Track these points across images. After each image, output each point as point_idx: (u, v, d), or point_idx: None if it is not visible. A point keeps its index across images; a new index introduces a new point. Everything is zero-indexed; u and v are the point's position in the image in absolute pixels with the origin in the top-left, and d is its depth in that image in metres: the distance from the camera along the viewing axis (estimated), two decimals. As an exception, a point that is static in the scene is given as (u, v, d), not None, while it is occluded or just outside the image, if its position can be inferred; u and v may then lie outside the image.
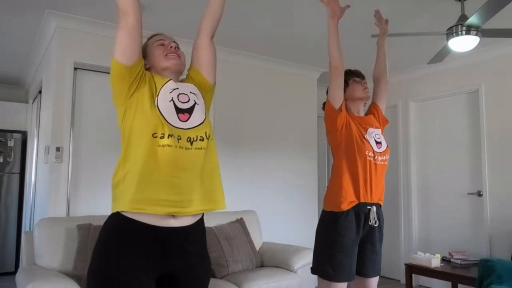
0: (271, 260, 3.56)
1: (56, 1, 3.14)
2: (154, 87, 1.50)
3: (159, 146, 1.40)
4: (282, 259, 3.48)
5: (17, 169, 5.25)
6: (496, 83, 4.20)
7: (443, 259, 3.78)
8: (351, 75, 2.38)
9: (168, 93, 1.49)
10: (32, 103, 5.10)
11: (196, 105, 1.52)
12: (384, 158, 2.21)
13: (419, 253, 3.80)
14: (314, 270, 2.17)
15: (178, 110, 1.46)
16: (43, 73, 4.08)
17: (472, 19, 2.73)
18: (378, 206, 2.21)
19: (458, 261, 3.65)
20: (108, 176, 3.53)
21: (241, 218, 3.74)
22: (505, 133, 4.09)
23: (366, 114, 2.40)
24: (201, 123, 1.49)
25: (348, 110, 2.30)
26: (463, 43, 2.93)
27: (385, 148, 2.25)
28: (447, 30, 2.97)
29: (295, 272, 3.38)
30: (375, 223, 2.15)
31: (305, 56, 4.50)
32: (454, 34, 2.91)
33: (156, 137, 1.40)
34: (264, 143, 4.54)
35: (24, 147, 5.36)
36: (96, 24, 3.51)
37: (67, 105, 3.40)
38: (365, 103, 2.38)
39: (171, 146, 1.40)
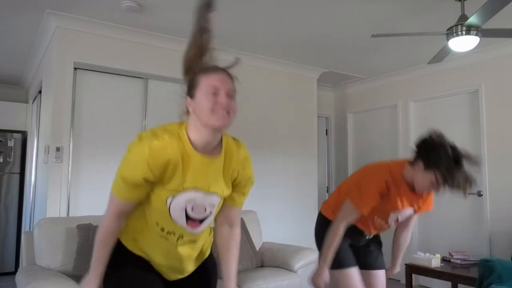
0: (271, 260, 3.56)
1: (56, 1, 3.13)
2: (175, 189, 1.35)
3: (161, 236, 1.43)
4: (282, 259, 3.47)
5: (17, 169, 5.25)
6: (496, 83, 4.20)
7: (443, 259, 3.78)
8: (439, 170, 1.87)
9: (183, 201, 1.36)
10: (32, 103, 5.10)
11: (210, 215, 1.45)
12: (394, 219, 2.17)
13: (419, 253, 3.80)
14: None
15: (188, 218, 1.40)
16: (43, 73, 4.08)
17: (472, 19, 2.73)
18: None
19: (458, 261, 3.65)
20: (108, 176, 3.53)
21: (241, 218, 3.74)
22: (505, 133, 4.09)
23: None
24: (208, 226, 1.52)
25: (410, 180, 2.01)
26: (463, 43, 2.93)
27: (403, 218, 2.19)
28: (447, 30, 2.97)
29: (295, 272, 3.37)
30: (369, 237, 2.27)
31: (305, 56, 4.50)
32: (454, 34, 2.91)
33: (158, 226, 1.42)
34: (264, 143, 4.53)
35: (24, 147, 5.36)
36: (96, 24, 3.51)
37: (67, 105, 3.40)
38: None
39: (168, 240, 1.44)
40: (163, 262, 1.47)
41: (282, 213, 4.58)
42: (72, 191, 3.39)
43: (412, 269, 3.71)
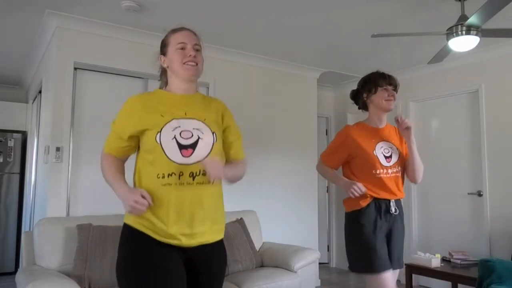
0: (271, 260, 3.56)
1: (56, 1, 3.13)
2: (157, 124, 1.54)
3: (163, 185, 1.50)
4: (282, 259, 3.47)
5: (17, 169, 5.25)
6: (496, 83, 4.20)
7: (443, 259, 3.78)
8: (383, 82, 2.27)
9: (170, 131, 1.52)
10: (32, 103, 5.10)
11: (199, 139, 1.54)
12: (395, 170, 2.25)
13: (419, 253, 3.80)
14: (353, 268, 2.21)
15: (181, 146, 1.51)
16: (43, 73, 4.08)
17: (472, 19, 2.73)
18: (398, 200, 2.29)
19: (458, 261, 3.65)
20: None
21: (241, 218, 3.74)
22: (505, 133, 4.09)
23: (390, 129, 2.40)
24: (205, 157, 1.53)
25: (370, 116, 2.36)
26: (463, 43, 2.93)
27: (396, 160, 2.26)
28: (447, 30, 2.97)
29: (295, 272, 3.37)
30: (395, 211, 2.22)
31: (305, 56, 4.50)
32: (454, 34, 2.91)
33: (159, 177, 1.50)
34: (264, 143, 4.54)
35: (24, 147, 5.36)
36: (96, 24, 3.51)
37: (67, 105, 3.40)
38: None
39: (171, 184, 1.49)
40: (174, 217, 1.49)
41: (282, 213, 4.58)
42: (72, 191, 3.39)
43: (412, 269, 3.71)
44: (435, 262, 3.56)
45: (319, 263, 5.20)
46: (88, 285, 2.71)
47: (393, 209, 2.21)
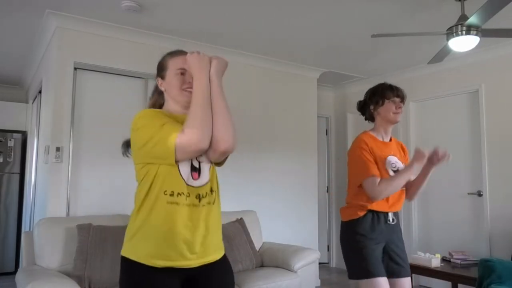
0: (271, 260, 3.56)
1: (56, 1, 3.13)
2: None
3: (168, 203, 1.44)
4: (282, 259, 3.47)
5: (17, 169, 5.25)
6: (496, 83, 4.20)
7: (443, 259, 3.78)
8: (391, 94, 2.26)
9: None
10: (32, 103, 5.10)
11: (201, 163, 1.52)
12: None
13: (419, 253, 3.79)
14: (351, 275, 2.20)
15: (193, 169, 1.48)
16: (43, 73, 4.08)
17: (472, 19, 2.73)
18: (396, 212, 2.27)
19: (458, 261, 3.64)
20: (108, 175, 3.54)
21: (241, 218, 3.74)
22: (505, 133, 4.09)
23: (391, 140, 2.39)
24: (208, 181, 1.52)
25: (376, 128, 2.32)
26: (463, 43, 2.93)
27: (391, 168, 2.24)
28: (447, 30, 2.97)
29: (295, 272, 3.37)
30: (393, 221, 2.21)
31: (305, 56, 4.50)
32: (454, 34, 2.91)
33: (166, 194, 1.44)
34: (264, 143, 4.54)
35: (24, 147, 5.36)
36: (96, 24, 3.51)
37: (67, 105, 3.40)
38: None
39: (178, 204, 1.44)
40: (173, 236, 1.44)
41: (282, 213, 4.58)
42: (72, 191, 3.39)
43: (412, 269, 3.70)
44: (435, 262, 3.56)
45: (319, 263, 5.20)
46: (88, 285, 2.71)
47: (390, 219, 2.20)
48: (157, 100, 1.70)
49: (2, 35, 3.86)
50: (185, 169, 1.46)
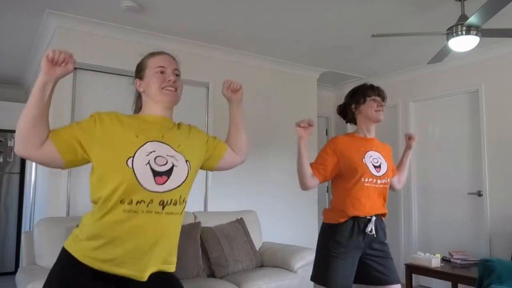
0: (271, 260, 3.56)
1: (56, 1, 3.13)
2: (125, 148, 1.39)
3: (125, 211, 1.35)
4: (282, 259, 3.48)
5: (17, 169, 5.25)
6: (496, 83, 4.20)
7: (443, 259, 3.78)
8: (372, 93, 2.28)
9: (144, 155, 1.38)
10: (32, 103, 5.09)
11: (174, 167, 1.41)
12: (383, 181, 2.20)
13: (419, 253, 3.80)
14: (312, 277, 2.19)
15: (155, 173, 1.37)
16: (43, 73, 4.07)
17: (472, 19, 2.73)
18: (379, 217, 2.20)
19: (458, 261, 3.65)
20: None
21: (241, 218, 3.74)
22: (505, 133, 4.09)
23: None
24: (178, 186, 1.41)
25: (358, 127, 2.34)
26: (463, 43, 2.93)
27: (385, 171, 2.21)
28: (447, 30, 2.97)
29: (295, 272, 3.38)
30: (370, 231, 2.12)
31: (305, 56, 4.50)
32: (454, 34, 2.91)
33: (123, 203, 1.35)
34: (264, 143, 4.53)
35: (24, 147, 5.35)
36: (96, 24, 3.51)
37: (67, 105, 3.40)
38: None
39: (137, 212, 1.35)
40: (127, 246, 1.37)
41: (282, 213, 4.58)
42: (72, 191, 3.39)
43: (412, 269, 3.71)
44: (435, 262, 3.56)
45: (319, 263, 5.20)
46: (88, 285, 2.71)
47: (369, 229, 2.11)
48: (137, 105, 1.64)
49: (2, 35, 3.86)
50: (143, 173, 1.38)
